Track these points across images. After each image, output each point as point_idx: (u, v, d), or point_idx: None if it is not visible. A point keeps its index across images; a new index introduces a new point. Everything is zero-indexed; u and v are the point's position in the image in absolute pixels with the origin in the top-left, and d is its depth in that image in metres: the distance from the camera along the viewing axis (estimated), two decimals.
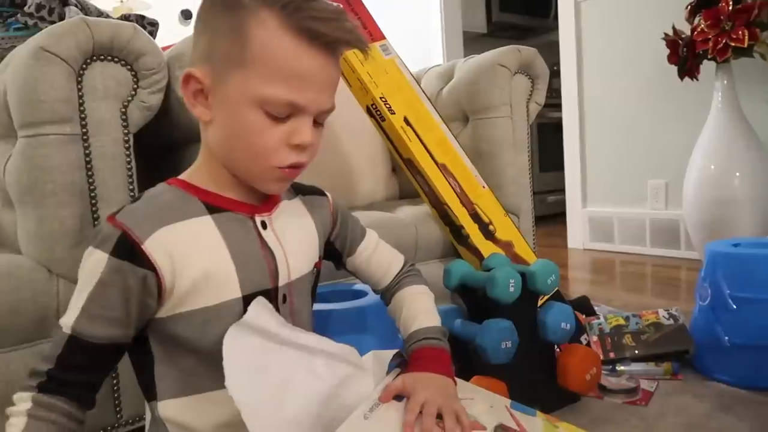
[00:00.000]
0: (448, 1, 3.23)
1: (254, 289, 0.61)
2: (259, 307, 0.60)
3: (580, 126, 2.63)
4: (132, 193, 0.93)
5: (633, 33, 2.39)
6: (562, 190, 2.79)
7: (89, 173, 0.88)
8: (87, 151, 0.88)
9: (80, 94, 0.87)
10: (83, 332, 0.55)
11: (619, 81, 2.46)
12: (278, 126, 0.58)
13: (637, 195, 2.44)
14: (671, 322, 1.19)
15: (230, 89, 0.57)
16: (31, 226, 0.86)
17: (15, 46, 1.02)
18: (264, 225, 0.64)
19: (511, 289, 0.96)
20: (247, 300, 0.60)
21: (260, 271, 0.63)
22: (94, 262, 0.55)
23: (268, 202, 0.66)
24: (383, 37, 1.34)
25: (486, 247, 1.26)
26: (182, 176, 0.64)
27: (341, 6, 0.60)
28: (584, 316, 1.25)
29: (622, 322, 1.21)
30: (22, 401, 0.54)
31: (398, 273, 0.80)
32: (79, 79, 0.86)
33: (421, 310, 0.75)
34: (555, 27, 2.75)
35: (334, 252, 0.79)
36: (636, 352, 1.15)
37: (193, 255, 0.58)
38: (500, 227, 1.29)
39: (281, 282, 0.65)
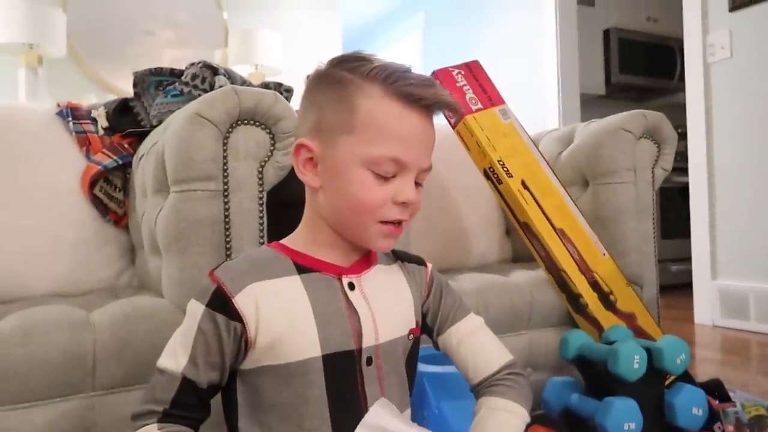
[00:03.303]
0: (565, 63, 3.21)
1: (336, 348, 0.63)
2: (381, 409, 0.62)
3: (710, 191, 2.47)
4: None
5: None
6: (688, 260, 2.60)
7: (227, 227, 0.96)
8: (226, 207, 0.95)
9: (225, 154, 0.95)
10: (191, 376, 0.60)
11: (756, 144, 2.30)
12: (384, 185, 0.63)
13: None
14: None
15: (339, 153, 0.63)
16: (173, 273, 0.95)
17: (171, 111, 1.15)
18: (352, 286, 0.66)
19: (636, 366, 0.90)
20: (326, 359, 0.62)
21: (343, 331, 0.64)
22: (194, 313, 0.61)
23: (359, 264, 0.68)
24: (503, 102, 1.36)
25: (606, 318, 1.20)
26: (283, 240, 0.69)
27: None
28: (717, 402, 1.14)
29: (763, 412, 1.09)
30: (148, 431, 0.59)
31: (494, 373, 0.71)
32: (225, 140, 0.95)
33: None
34: (679, 89, 2.65)
35: (425, 326, 0.76)
36: None
37: (277, 311, 0.61)
38: (622, 297, 1.23)
39: (366, 344, 0.64)
